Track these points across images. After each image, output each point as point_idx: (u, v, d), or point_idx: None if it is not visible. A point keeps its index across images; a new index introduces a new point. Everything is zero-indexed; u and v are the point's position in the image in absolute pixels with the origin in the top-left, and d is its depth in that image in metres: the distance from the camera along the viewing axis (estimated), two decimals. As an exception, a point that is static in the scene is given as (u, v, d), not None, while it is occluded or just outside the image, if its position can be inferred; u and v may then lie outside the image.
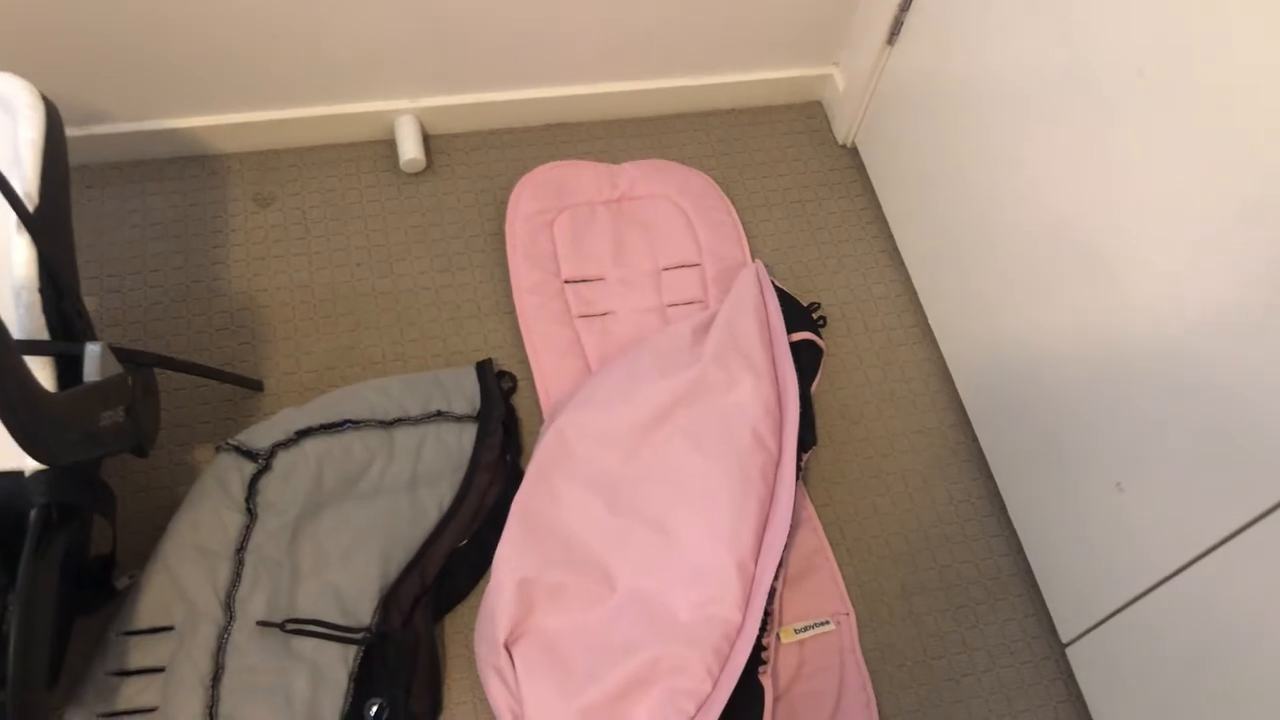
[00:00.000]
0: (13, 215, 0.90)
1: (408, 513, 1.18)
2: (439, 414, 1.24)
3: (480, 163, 1.51)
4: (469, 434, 1.24)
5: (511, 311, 1.38)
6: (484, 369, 1.30)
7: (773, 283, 1.38)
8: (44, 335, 0.93)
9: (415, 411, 1.23)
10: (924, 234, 1.43)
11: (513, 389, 1.32)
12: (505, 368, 1.34)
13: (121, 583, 1.10)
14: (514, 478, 1.24)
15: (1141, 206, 0.98)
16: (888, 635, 1.23)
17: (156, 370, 1.07)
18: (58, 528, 0.93)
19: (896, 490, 1.32)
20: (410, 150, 1.45)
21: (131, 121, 1.39)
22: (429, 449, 1.22)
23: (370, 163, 1.49)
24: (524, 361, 1.35)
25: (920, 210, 1.43)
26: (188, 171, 1.44)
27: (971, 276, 1.31)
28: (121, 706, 1.03)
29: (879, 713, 1.18)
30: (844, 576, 1.26)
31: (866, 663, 1.21)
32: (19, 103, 0.96)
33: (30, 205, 0.91)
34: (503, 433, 1.26)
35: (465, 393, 1.27)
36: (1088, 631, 1.16)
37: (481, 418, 1.26)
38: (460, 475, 1.22)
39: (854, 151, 1.61)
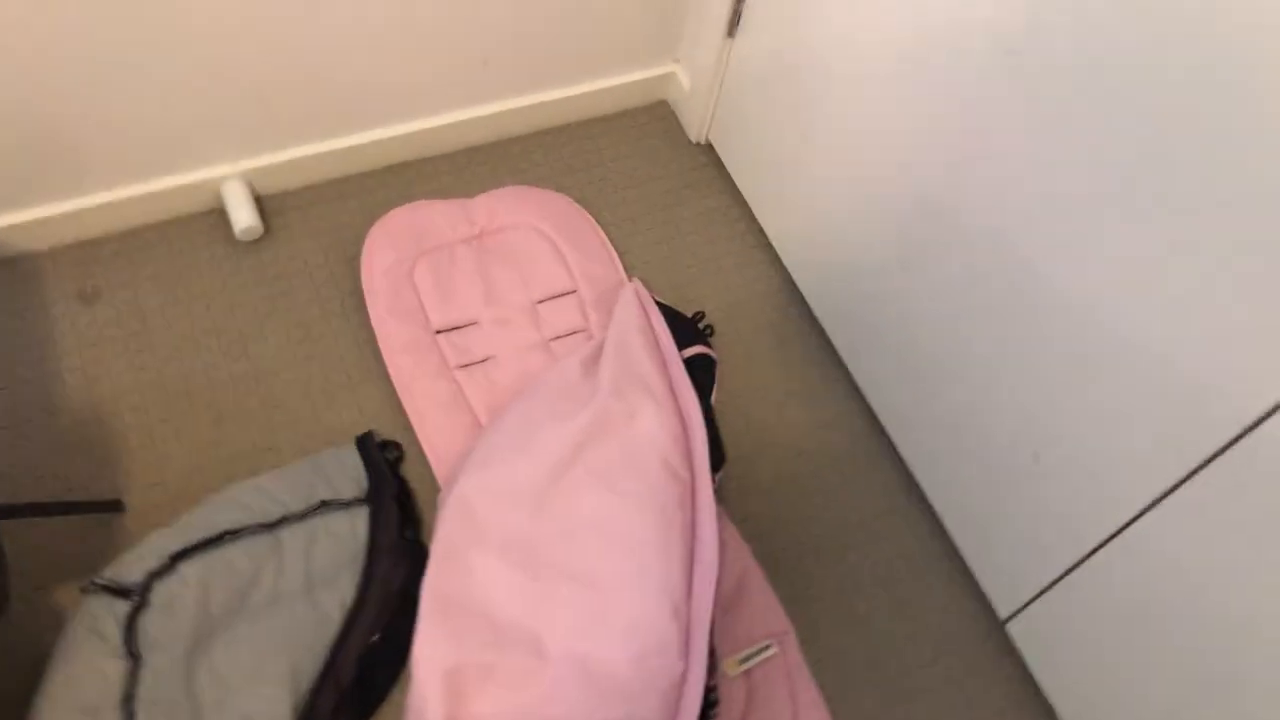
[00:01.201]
0: None
1: (309, 618, 1.08)
2: (324, 504, 1.14)
3: (322, 218, 1.41)
4: (361, 519, 1.15)
5: (385, 375, 1.29)
6: (365, 443, 1.21)
7: (654, 299, 1.33)
8: None
9: (298, 506, 1.13)
10: (792, 221, 1.40)
11: (399, 458, 1.23)
12: (388, 437, 1.25)
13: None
14: (418, 556, 1.16)
15: (1006, 166, 0.96)
16: (832, 642, 1.20)
17: (-5, 521, 0.95)
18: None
19: (812, 491, 1.29)
20: (244, 218, 1.34)
21: (-82, 234, 1.24)
22: (321, 545, 1.12)
23: (203, 236, 1.37)
24: (407, 427, 1.26)
25: (785, 198, 1.40)
26: (-5, 278, 1.29)
27: (847, 257, 1.28)
28: None
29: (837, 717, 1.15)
30: (778, 593, 1.22)
31: (816, 674, 1.18)
32: None
33: None
34: (398, 510, 1.17)
35: (350, 474, 1.18)
36: (1024, 607, 1.15)
37: (372, 498, 1.17)
38: (359, 566, 1.13)
39: (709, 149, 1.57)
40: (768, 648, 1.17)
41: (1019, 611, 1.16)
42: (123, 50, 1.15)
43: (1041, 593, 1.12)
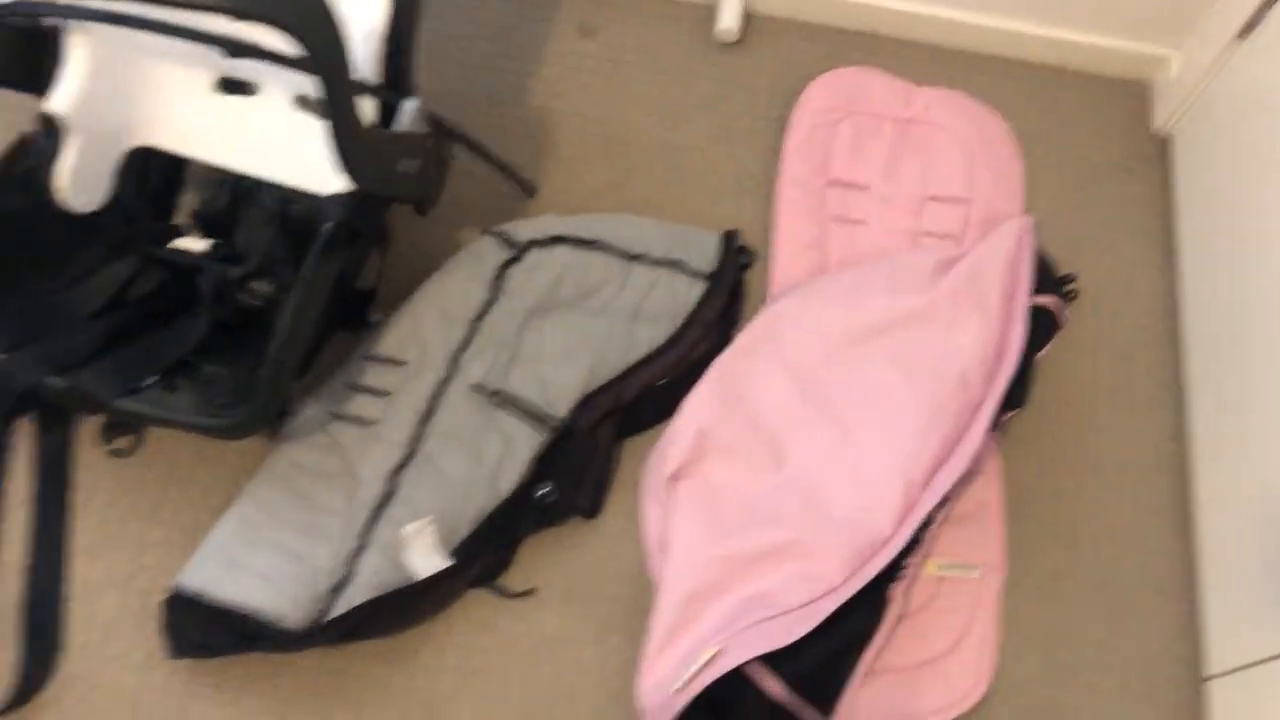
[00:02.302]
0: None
1: (622, 340, 1.28)
2: (676, 263, 1.33)
3: (787, 50, 1.56)
4: (697, 289, 1.33)
5: (770, 196, 1.44)
6: (729, 237, 1.37)
7: (1034, 243, 1.36)
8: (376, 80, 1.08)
9: (656, 254, 1.33)
10: (1213, 249, 1.36)
11: (747, 265, 1.39)
12: (748, 244, 1.40)
13: (374, 319, 1.27)
14: (722, 343, 1.32)
15: None
16: (1026, 606, 1.23)
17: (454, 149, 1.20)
18: (342, 244, 1.09)
19: (1087, 478, 1.31)
20: (727, 19, 1.52)
21: (496, -69, 1.52)
22: (658, 291, 1.31)
23: (689, 24, 1.57)
24: (766, 245, 1.41)
25: (1219, 223, 1.36)
26: (526, -12, 1.57)
27: (1249, 310, 1.24)
28: (349, 412, 1.21)
29: (994, 670, 1.19)
30: (1005, 538, 1.26)
31: (999, 624, 1.22)
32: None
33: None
34: (727, 299, 1.33)
35: (706, 253, 1.35)
36: (1240, 669, 1.12)
37: (713, 279, 1.33)
38: (677, 324, 1.31)
39: (1165, 141, 1.54)
40: (973, 569, 1.23)
41: (1230, 673, 1.14)
42: None
43: (1267, 660, 1.08)
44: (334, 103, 0.91)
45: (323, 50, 0.88)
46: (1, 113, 1.18)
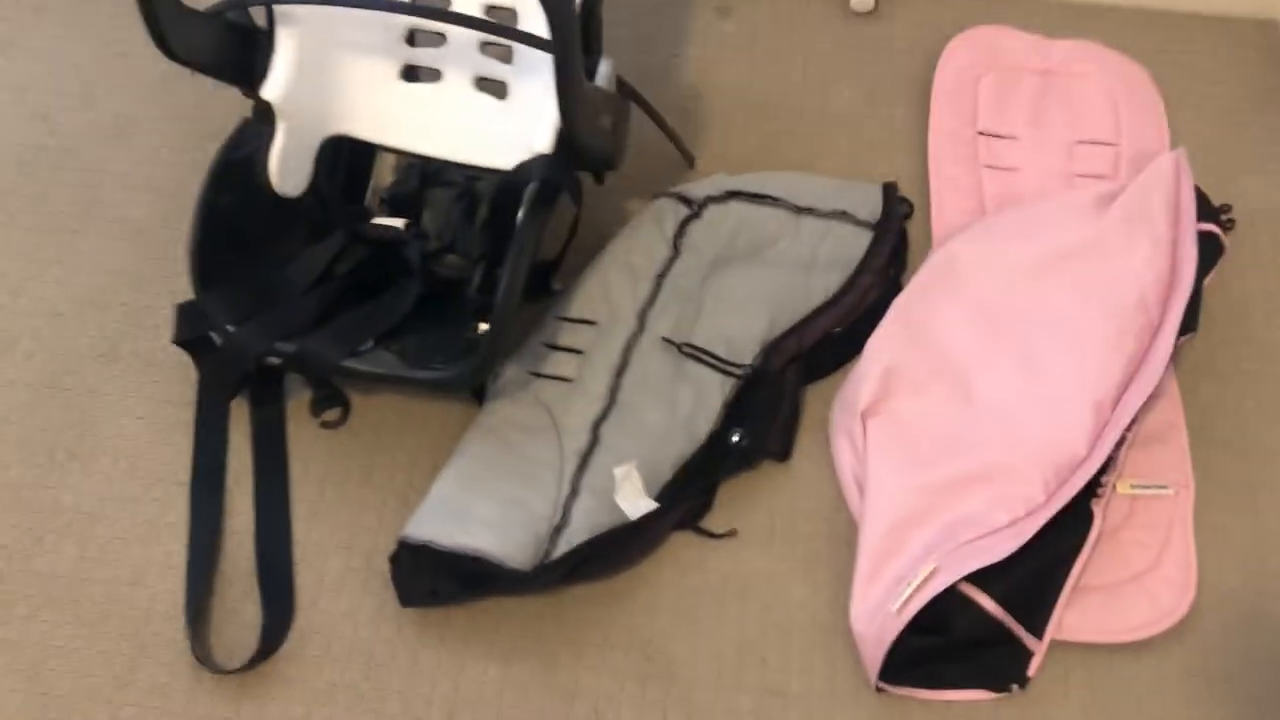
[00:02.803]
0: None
1: (799, 289, 1.33)
2: (843, 214, 1.38)
3: (922, 15, 1.62)
4: (864, 239, 1.37)
5: (921, 151, 1.48)
6: (889, 189, 1.42)
7: (1190, 172, 1.39)
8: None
9: (824, 207, 1.38)
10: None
11: (908, 214, 1.43)
12: (908, 196, 1.44)
13: (555, 287, 1.33)
14: (892, 289, 1.36)
15: None
16: (1224, 519, 1.24)
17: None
18: (548, 200, 1.16)
19: (1267, 397, 1.32)
20: (864, -9, 1.58)
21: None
22: (828, 241, 1.36)
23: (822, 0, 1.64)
24: (924, 195, 1.45)
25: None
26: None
27: None
28: (547, 371, 1.26)
29: (1198, 584, 1.20)
30: (1192, 459, 1.28)
31: (1196, 540, 1.23)
32: None
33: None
34: (893, 246, 1.37)
35: (868, 204, 1.40)
36: None
37: (878, 228, 1.38)
38: (849, 272, 1.35)
39: (1305, 74, 1.57)
40: (1164, 487, 1.24)
41: None
42: None
43: None
44: (567, 56, 0.98)
45: (561, 10, 0.95)
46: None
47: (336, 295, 1.25)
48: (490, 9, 1.27)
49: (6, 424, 1.31)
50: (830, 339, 1.32)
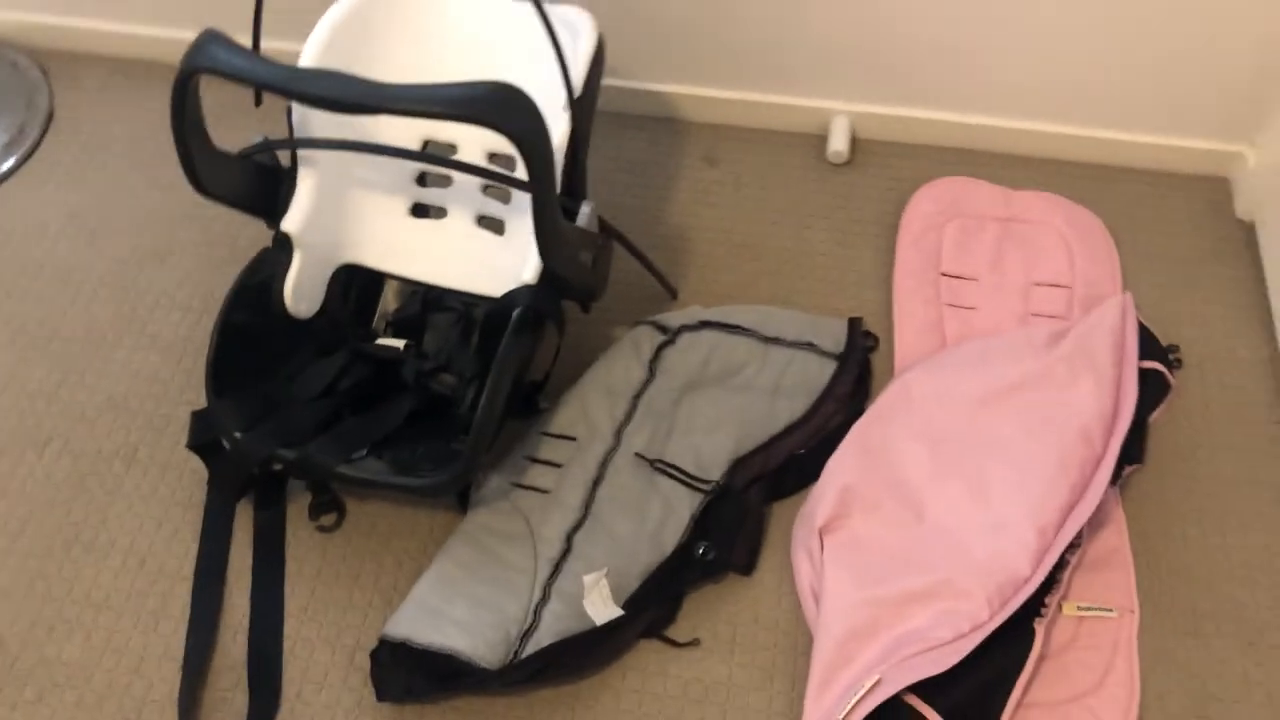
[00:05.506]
0: (562, 98, 1.26)
1: (765, 412, 1.43)
2: (809, 345, 1.48)
3: (892, 167, 1.75)
4: (828, 368, 1.47)
5: (887, 289, 1.60)
6: (854, 323, 1.53)
7: (1135, 313, 1.49)
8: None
9: (790, 337, 1.48)
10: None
11: (872, 348, 1.53)
12: (871, 330, 1.55)
13: (542, 405, 1.44)
14: (855, 415, 1.45)
15: None
16: (1167, 643, 1.29)
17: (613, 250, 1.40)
18: (530, 326, 1.27)
19: (1211, 526, 1.38)
20: (838, 144, 1.72)
21: (630, 80, 1.77)
22: (794, 369, 1.46)
23: (800, 151, 1.78)
24: (888, 331, 1.55)
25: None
26: (657, 128, 1.80)
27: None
28: (527, 482, 1.36)
29: (1140, 707, 1.25)
30: (1138, 584, 1.34)
31: (1140, 662, 1.28)
32: (582, 27, 1.32)
33: (575, 94, 1.27)
34: (856, 375, 1.47)
35: (834, 336, 1.50)
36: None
37: (842, 359, 1.48)
38: (813, 399, 1.45)
39: (1250, 226, 1.67)
40: (1109, 611, 1.30)
41: (1372, 698, 1.18)
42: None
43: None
44: (543, 198, 1.11)
45: (539, 156, 1.08)
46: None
47: (338, 407, 1.37)
48: (492, 156, 1.43)
49: (33, 518, 1.42)
50: (794, 460, 1.41)
